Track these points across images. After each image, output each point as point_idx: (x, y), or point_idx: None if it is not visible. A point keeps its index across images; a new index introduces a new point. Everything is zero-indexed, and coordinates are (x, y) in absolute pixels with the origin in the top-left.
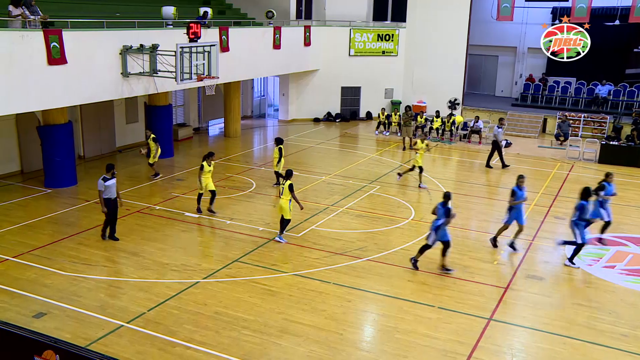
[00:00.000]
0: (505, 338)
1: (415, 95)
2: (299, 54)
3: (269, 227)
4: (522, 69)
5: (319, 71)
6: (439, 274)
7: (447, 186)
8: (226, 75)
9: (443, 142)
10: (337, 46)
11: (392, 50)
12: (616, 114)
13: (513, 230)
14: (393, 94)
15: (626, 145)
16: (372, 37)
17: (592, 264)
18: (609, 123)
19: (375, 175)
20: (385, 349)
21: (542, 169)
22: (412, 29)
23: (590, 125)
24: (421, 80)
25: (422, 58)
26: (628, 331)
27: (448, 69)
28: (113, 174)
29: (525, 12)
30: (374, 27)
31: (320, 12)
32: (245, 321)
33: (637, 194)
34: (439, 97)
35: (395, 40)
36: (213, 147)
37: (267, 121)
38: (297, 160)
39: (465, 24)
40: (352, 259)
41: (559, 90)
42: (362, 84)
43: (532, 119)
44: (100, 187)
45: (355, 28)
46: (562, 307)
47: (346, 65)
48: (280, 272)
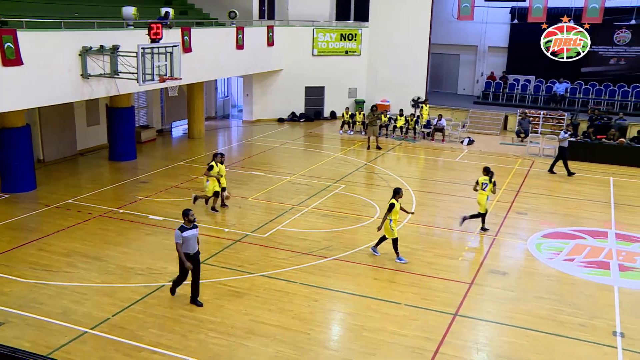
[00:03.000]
0: (470, 333)
1: (379, 95)
2: (262, 54)
3: (234, 229)
4: (483, 67)
5: (283, 71)
6: (405, 272)
7: (412, 184)
8: (189, 76)
9: (407, 140)
10: (301, 46)
11: (355, 50)
12: (573, 111)
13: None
14: (357, 94)
15: (583, 142)
16: (335, 37)
17: (552, 257)
18: (567, 120)
19: (340, 174)
20: (353, 347)
21: (504, 166)
22: (374, 29)
23: (549, 122)
24: (385, 80)
25: (385, 57)
26: (586, 321)
27: (411, 68)
28: (193, 222)
29: (485, 12)
30: (337, 27)
31: (283, 12)
32: (212, 323)
33: (594, 189)
34: (402, 96)
35: (358, 39)
36: (177, 149)
37: (231, 122)
38: (261, 160)
39: (427, 24)
40: (319, 258)
41: (518, 88)
42: (325, 84)
43: (494, 116)
44: (178, 238)
45: (318, 28)
46: (525, 301)
47: (310, 65)
48: (247, 273)
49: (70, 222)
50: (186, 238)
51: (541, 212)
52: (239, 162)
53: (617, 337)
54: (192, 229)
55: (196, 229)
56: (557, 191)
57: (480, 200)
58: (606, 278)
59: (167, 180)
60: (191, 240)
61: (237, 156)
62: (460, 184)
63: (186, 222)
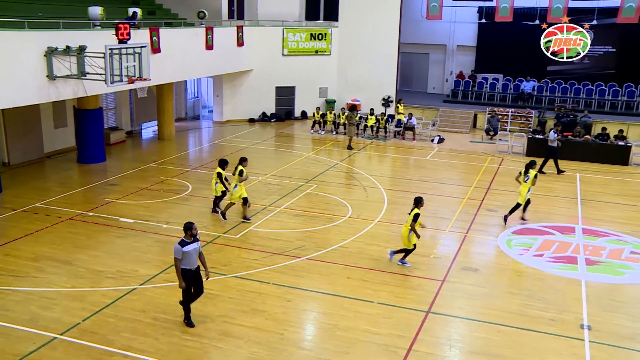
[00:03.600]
0: (443, 329)
1: (349, 94)
2: (232, 54)
3: (206, 230)
4: (452, 66)
5: (253, 71)
6: (377, 270)
7: (383, 183)
8: (158, 76)
9: (378, 139)
10: (271, 46)
11: (325, 50)
12: (540, 108)
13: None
14: (327, 93)
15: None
16: (305, 37)
17: (522, 253)
18: (535, 117)
19: (312, 174)
20: (327, 346)
21: (474, 163)
22: (344, 28)
23: (517, 120)
24: (355, 79)
25: (356, 57)
26: (555, 315)
27: (381, 67)
28: (194, 236)
29: (453, 11)
30: (307, 27)
31: (253, 12)
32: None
33: (562, 185)
34: (372, 95)
35: (328, 39)
36: (147, 150)
37: (202, 123)
38: (233, 161)
39: (396, 23)
40: (291, 258)
41: (487, 87)
42: (296, 84)
43: (463, 114)
44: (177, 254)
45: (287, 28)
46: (496, 297)
47: (280, 65)
48: (219, 275)
49: (38, 226)
50: (187, 253)
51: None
52: (210, 163)
53: (585, 330)
54: (193, 242)
55: (197, 243)
56: None
57: (522, 191)
58: (574, 272)
59: (137, 183)
60: (192, 255)
61: (208, 157)
62: (431, 182)
63: (188, 236)
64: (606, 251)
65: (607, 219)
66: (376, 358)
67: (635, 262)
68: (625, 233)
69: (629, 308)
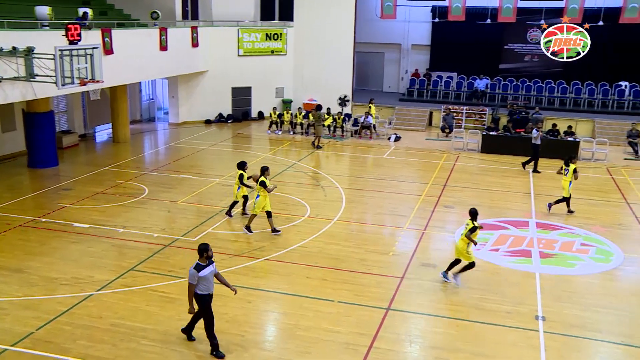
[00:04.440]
0: (403, 326)
1: (305, 94)
2: (187, 55)
3: (164, 233)
4: (407, 65)
5: (209, 72)
6: (337, 269)
7: (341, 182)
8: (111, 78)
9: (335, 138)
10: (226, 46)
11: (281, 50)
12: (494, 106)
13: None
14: (284, 93)
15: (504, 135)
16: (260, 37)
17: (479, 248)
18: (488, 115)
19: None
20: (288, 347)
21: (430, 161)
22: (299, 28)
23: (472, 117)
24: (311, 79)
25: (311, 56)
26: (512, 308)
27: (337, 66)
28: (209, 258)
29: (407, 11)
30: (262, 27)
31: (207, 12)
32: (144, 331)
33: (516, 180)
34: (329, 94)
35: (284, 39)
36: (102, 154)
37: (157, 125)
38: (190, 163)
39: (351, 23)
40: (251, 259)
41: (442, 85)
42: (252, 84)
43: (419, 112)
44: (193, 279)
45: (242, 28)
46: (454, 292)
47: (236, 65)
48: (178, 278)
49: None
50: (203, 278)
51: (467, 205)
52: (167, 166)
53: (539, 321)
54: (208, 265)
55: (213, 265)
56: (481, 184)
57: (564, 185)
58: (528, 266)
59: (92, 187)
60: (209, 279)
61: (164, 159)
62: (389, 180)
63: (203, 259)
64: (558, 244)
65: (558, 213)
66: (337, 356)
67: (585, 254)
68: (575, 226)
69: (579, 298)
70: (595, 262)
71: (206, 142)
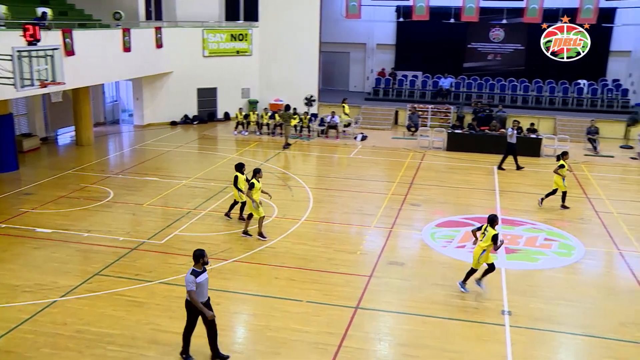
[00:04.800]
0: (372, 324)
1: (271, 94)
2: (151, 56)
3: (130, 237)
4: (373, 64)
5: (173, 73)
6: (305, 269)
7: (308, 182)
8: (73, 80)
9: (301, 138)
10: (191, 47)
11: (246, 50)
12: (458, 104)
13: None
14: (250, 94)
15: (468, 133)
16: (225, 37)
17: (446, 245)
18: (453, 113)
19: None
20: (258, 348)
21: (397, 159)
22: (265, 28)
23: (437, 116)
24: (277, 79)
25: (277, 57)
26: (478, 304)
27: (303, 66)
28: (205, 264)
29: (372, 10)
30: (227, 27)
31: (171, 12)
32: (110, 336)
33: (481, 177)
34: (295, 94)
35: (249, 39)
36: (64, 157)
37: (122, 127)
38: (155, 165)
39: (316, 22)
40: (219, 261)
41: (407, 84)
42: (218, 85)
43: (385, 111)
44: (191, 285)
45: (207, 28)
46: (422, 289)
47: (201, 66)
48: (145, 282)
49: None
50: (200, 284)
51: (434, 202)
52: (132, 168)
53: (505, 315)
54: (204, 272)
55: (206, 271)
56: (447, 182)
57: (557, 180)
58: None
59: (54, 191)
60: (204, 286)
61: (129, 162)
62: (356, 179)
63: (199, 265)
64: (523, 239)
65: (522, 209)
66: (307, 356)
67: (548, 248)
68: (539, 221)
69: (543, 292)
70: (558, 256)
71: (172, 144)
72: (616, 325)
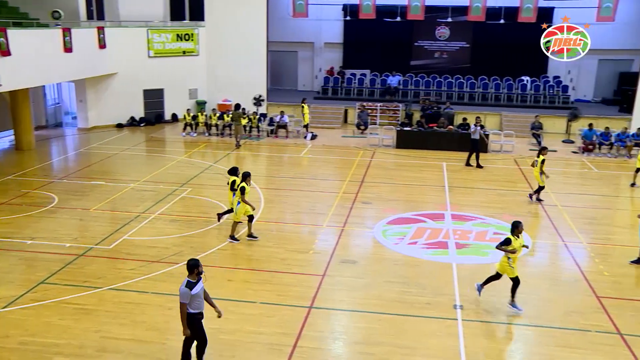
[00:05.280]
0: (326, 323)
1: (219, 94)
2: (94, 57)
3: (77, 243)
4: (321, 63)
5: (118, 74)
6: (258, 270)
7: (258, 182)
8: (9, 82)
9: (251, 138)
10: (135, 48)
11: (192, 50)
12: (407, 102)
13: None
14: (197, 94)
15: (417, 130)
16: (171, 38)
17: (397, 242)
18: (402, 110)
19: (186, 177)
20: (211, 351)
21: (347, 158)
22: (211, 28)
23: (386, 114)
24: (225, 79)
25: (224, 57)
26: (431, 299)
27: (250, 66)
28: (200, 274)
29: (319, 9)
30: (172, 27)
31: (114, 12)
32: (57, 346)
33: (429, 174)
34: (243, 94)
35: (195, 39)
36: (3, 162)
37: (65, 130)
38: (102, 169)
39: (263, 22)
40: (169, 265)
41: (355, 82)
42: (164, 86)
43: (334, 110)
44: (185, 298)
45: (152, 28)
46: (375, 286)
47: (146, 67)
48: (94, 289)
49: None
50: (196, 295)
51: (384, 200)
52: (77, 172)
53: (457, 309)
54: (198, 282)
55: (201, 280)
56: (397, 179)
57: (536, 175)
58: (445, 257)
59: None
60: (201, 296)
61: (74, 166)
62: (307, 178)
63: (193, 275)
64: (472, 234)
65: (472, 204)
66: (262, 358)
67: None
68: (488, 216)
69: (493, 285)
70: None
71: (118, 147)
72: (561, 314)
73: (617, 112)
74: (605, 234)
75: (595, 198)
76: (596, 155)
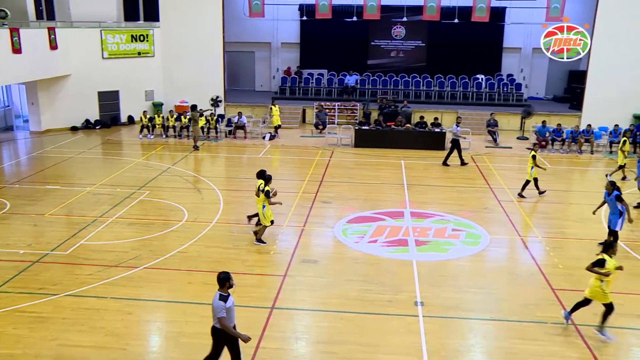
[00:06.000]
0: (288, 323)
1: (176, 95)
2: (45, 58)
3: (31, 249)
4: (278, 63)
5: (72, 76)
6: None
7: (218, 184)
8: None
9: (209, 140)
10: (89, 49)
11: (148, 51)
12: (364, 101)
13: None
14: (154, 96)
15: (375, 129)
16: (125, 38)
17: (358, 241)
18: (359, 110)
19: (143, 180)
20: (173, 355)
21: (306, 157)
22: (166, 29)
23: (344, 113)
24: (181, 80)
25: (180, 57)
26: (392, 296)
27: (207, 67)
28: (232, 287)
29: (275, 9)
30: (126, 28)
31: (65, 12)
32: (11, 357)
33: (388, 173)
34: (201, 95)
35: (150, 40)
36: None
37: (17, 134)
38: (56, 173)
39: (219, 22)
40: (128, 269)
41: (313, 82)
42: (120, 87)
43: (292, 110)
44: (221, 312)
45: (105, 29)
46: (336, 285)
47: (101, 68)
48: (49, 295)
49: None
50: (230, 309)
51: (344, 199)
52: (30, 177)
53: (418, 306)
54: (230, 295)
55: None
56: (357, 178)
57: (528, 170)
58: (405, 254)
59: None
60: (233, 310)
61: (27, 170)
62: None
63: (225, 289)
64: (432, 231)
65: (430, 201)
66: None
67: (456, 239)
68: (446, 212)
69: (453, 281)
70: (466, 245)
71: (73, 150)
72: (519, 307)
73: (568, 109)
74: (559, 228)
75: (549, 193)
76: (549, 151)
